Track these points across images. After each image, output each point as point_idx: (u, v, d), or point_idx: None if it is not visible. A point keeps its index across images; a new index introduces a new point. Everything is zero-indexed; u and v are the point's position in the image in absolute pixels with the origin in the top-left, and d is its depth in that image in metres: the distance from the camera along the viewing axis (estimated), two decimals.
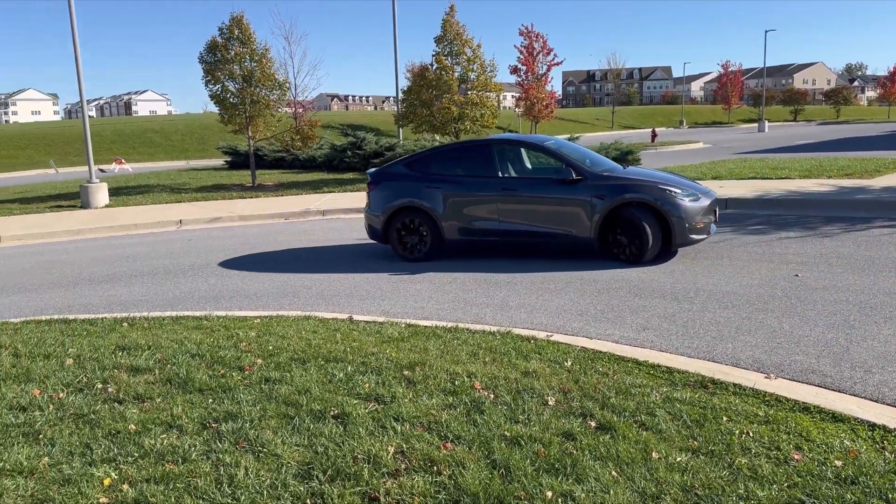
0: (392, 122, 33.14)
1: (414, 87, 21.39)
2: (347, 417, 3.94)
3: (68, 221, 15.04)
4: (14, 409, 4.35)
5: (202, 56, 18.81)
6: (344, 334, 5.72)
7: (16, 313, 7.46)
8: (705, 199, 8.44)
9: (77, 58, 17.23)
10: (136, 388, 4.59)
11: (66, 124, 63.46)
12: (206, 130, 48.87)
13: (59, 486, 3.35)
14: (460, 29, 20.76)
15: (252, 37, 18.55)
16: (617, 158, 17.88)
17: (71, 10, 16.73)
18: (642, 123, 77.14)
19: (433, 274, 8.39)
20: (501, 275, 8.14)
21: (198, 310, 7.09)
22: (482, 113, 20.39)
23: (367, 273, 8.68)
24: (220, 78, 18.65)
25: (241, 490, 3.19)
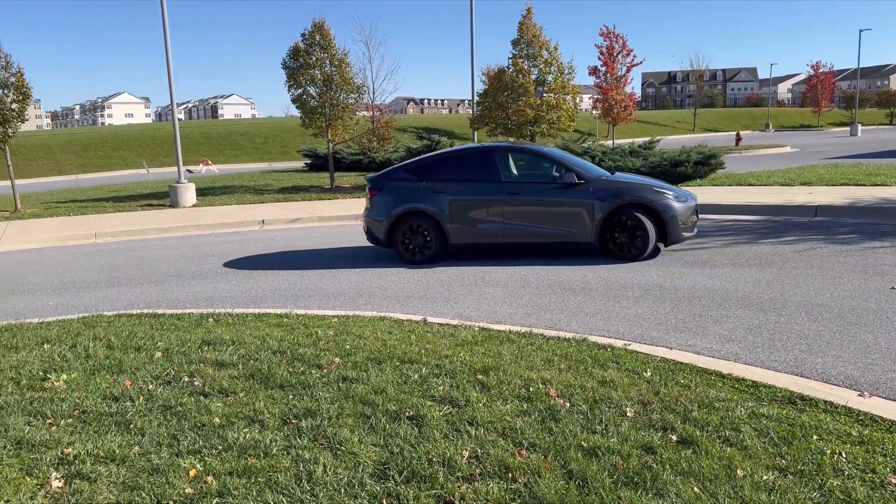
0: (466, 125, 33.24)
1: (490, 89, 21.37)
2: (422, 419, 3.97)
3: (158, 220, 15.78)
4: (107, 399, 4.59)
5: (285, 62, 19.40)
6: (418, 336, 5.76)
7: (109, 307, 7.87)
8: (691, 201, 9.25)
9: (169, 65, 18.07)
10: (221, 382, 4.77)
11: (156, 126, 66.68)
12: (288, 133, 50.36)
13: (147, 474, 3.50)
14: (537, 31, 20.62)
15: (332, 42, 18.99)
16: (699, 163, 17.34)
17: (164, 18, 17.57)
18: (725, 126, 74.59)
19: (506, 278, 8.35)
20: (576, 281, 8.02)
21: (279, 307, 7.30)
22: (558, 115, 20.17)
23: (440, 275, 8.72)
24: (302, 83, 19.18)
25: (319, 487, 3.26)
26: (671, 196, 9.01)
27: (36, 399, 4.63)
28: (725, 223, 11.92)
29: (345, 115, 19.76)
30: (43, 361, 5.45)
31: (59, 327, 6.61)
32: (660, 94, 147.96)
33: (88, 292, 8.88)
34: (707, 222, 12.03)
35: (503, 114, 20.72)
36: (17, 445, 3.93)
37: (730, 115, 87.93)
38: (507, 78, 20.71)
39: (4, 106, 16.61)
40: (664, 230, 8.90)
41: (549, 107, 20.26)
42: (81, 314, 7.27)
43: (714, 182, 16.93)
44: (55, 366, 5.32)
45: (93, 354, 5.56)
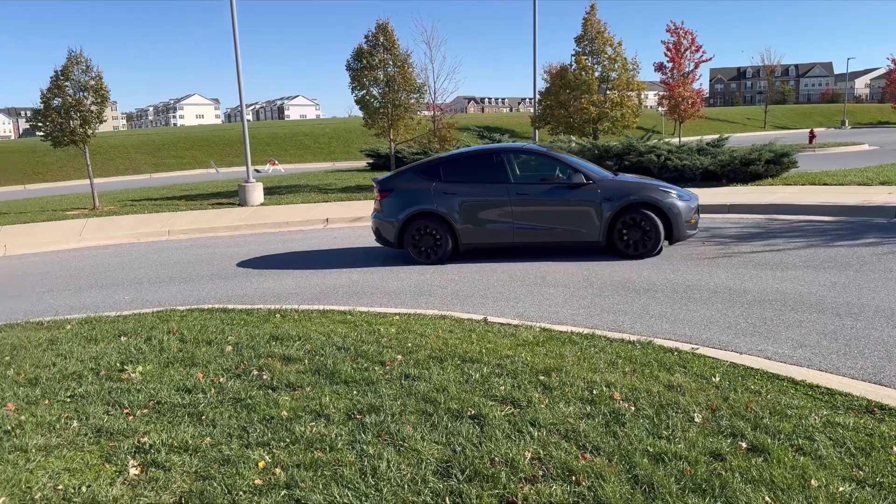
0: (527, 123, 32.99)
1: (552, 87, 21.20)
2: (484, 419, 3.98)
3: (227, 218, 16.28)
4: (181, 391, 4.77)
5: (349, 63, 19.70)
6: (479, 335, 5.77)
7: (181, 301, 8.17)
8: (693, 200, 9.58)
9: (238, 68, 18.61)
10: (288, 376, 4.89)
11: (226, 127, 68.75)
12: (351, 133, 51.13)
13: (218, 464, 3.63)
14: (601, 27, 20.31)
15: (396, 43, 19.18)
16: (771, 161, 16.75)
17: (234, 23, 18.10)
18: (798, 123, 71.76)
19: (567, 278, 8.27)
20: (640, 282, 7.87)
21: (342, 304, 7.42)
22: (622, 113, 19.83)
23: (501, 274, 8.70)
24: (365, 83, 19.44)
25: (383, 482, 3.31)
26: (675, 195, 9.34)
27: (114, 389, 4.85)
28: (798, 224, 11.48)
29: (406, 115, 19.93)
30: (120, 353, 5.70)
31: (135, 321, 6.90)
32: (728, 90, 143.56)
33: (162, 287, 9.24)
34: (779, 223, 11.61)
35: (565, 112, 20.52)
36: (97, 433, 4.13)
37: (803, 111, 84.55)
38: (569, 75, 20.50)
39: (84, 108, 17.42)
40: (669, 228, 9.20)
41: (613, 104, 19.94)
42: (156, 308, 7.57)
43: (786, 181, 16.32)
44: (132, 358, 5.56)
45: (167, 347, 5.79)
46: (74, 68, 17.22)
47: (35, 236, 14.70)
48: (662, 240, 9.20)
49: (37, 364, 5.52)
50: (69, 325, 6.87)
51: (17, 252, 13.56)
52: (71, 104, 17.18)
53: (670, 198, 9.25)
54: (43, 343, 6.16)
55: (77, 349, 5.88)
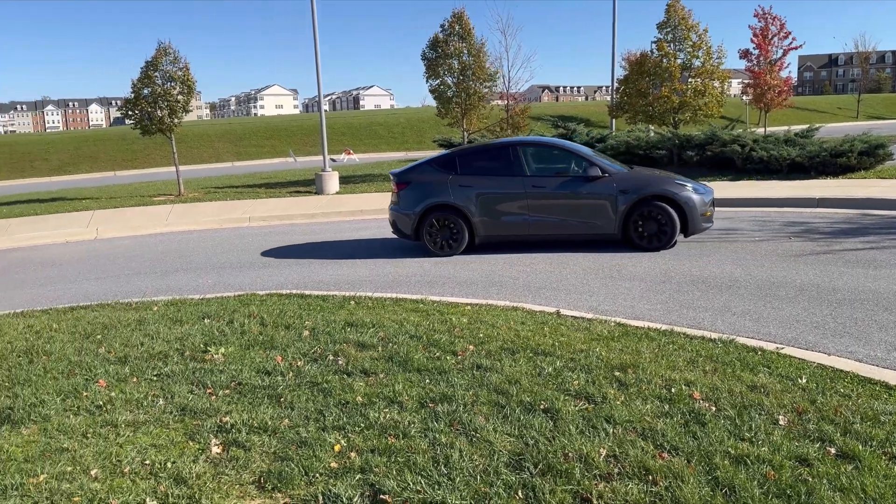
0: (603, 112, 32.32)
1: (631, 75, 20.64)
2: (557, 413, 3.93)
3: (305, 206, 16.67)
4: (260, 373, 4.92)
5: (424, 53, 19.78)
6: (552, 328, 5.70)
7: (261, 286, 8.42)
8: (708, 194, 9.53)
9: (317, 61, 18.98)
10: (363, 362, 4.97)
11: (304, 117, 70.37)
12: (424, 123, 51.42)
13: (296, 446, 3.72)
14: (685, 13, 19.61)
15: (471, 32, 19.12)
16: (864, 153, 15.81)
17: (314, 18, 18.44)
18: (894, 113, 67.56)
19: (644, 272, 8.06)
20: (722, 277, 7.59)
21: (414, 293, 7.48)
22: (705, 102, 19.11)
23: (573, 267, 8.57)
24: (440, 73, 19.48)
25: (455, 472, 3.31)
26: (690, 188, 9.37)
27: (198, 370, 5.05)
28: (894, 220, 10.81)
29: (480, 105, 19.87)
30: (204, 335, 5.93)
31: (218, 304, 7.16)
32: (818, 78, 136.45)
33: (243, 272, 9.55)
34: (873, 219, 10.97)
35: (644, 100, 19.97)
36: (181, 411, 4.31)
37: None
38: (649, 63, 19.90)
39: (171, 97, 18.15)
40: (685, 221, 9.20)
41: (696, 92, 19.25)
42: (237, 292, 7.83)
43: (881, 174, 15.38)
44: (214, 339, 5.77)
45: (247, 330, 5.98)
46: (163, 59, 17.96)
47: (124, 221, 15.46)
48: (677, 233, 9.21)
49: (126, 343, 5.80)
50: (156, 306, 7.19)
51: (108, 236, 14.30)
52: (159, 94, 17.93)
53: (686, 191, 9.29)
54: (132, 323, 6.47)
55: (163, 330, 6.15)
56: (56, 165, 42.00)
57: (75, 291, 8.87)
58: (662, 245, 9.27)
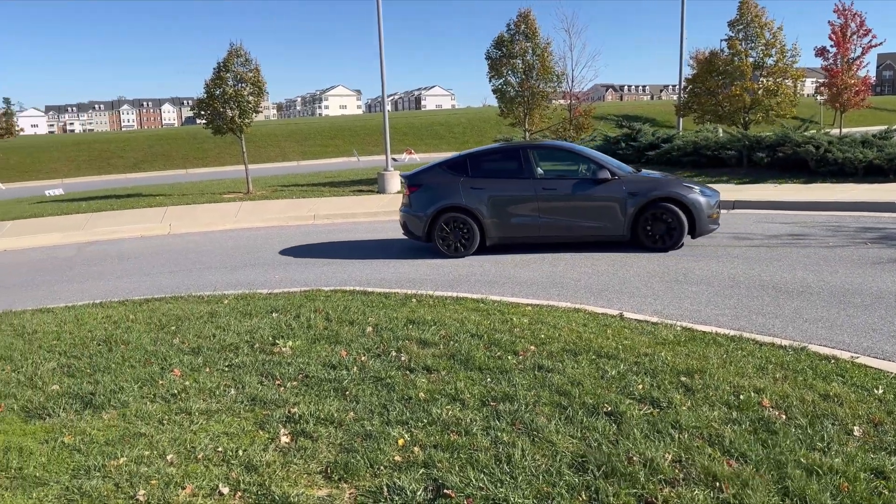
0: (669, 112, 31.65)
1: (699, 74, 20.10)
2: (621, 416, 3.89)
3: (367, 205, 16.93)
4: (326, 367, 5.04)
5: (489, 52, 19.76)
6: (615, 331, 5.64)
7: (325, 282, 8.60)
8: (715, 196, 9.76)
9: (382, 64, 19.22)
10: (425, 359, 5.03)
11: (366, 117, 71.37)
12: (485, 123, 51.42)
13: (361, 439, 3.81)
14: (759, 11, 18.98)
15: (537, 31, 19.00)
16: None
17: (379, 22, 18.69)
18: None
19: (711, 275, 7.87)
20: (793, 283, 7.35)
21: (475, 292, 7.51)
22: (777, 101, 18.46)
23: (636, 269, 8.44)
24: (504, 72, 19.43)
25: (518, 471, 3.33)
26: (698, 191, 9.53)
27: (266, 361, 5.22)
28: None
29: (543, 104, 19.73)
30: (272, 328, 6.12)
31: (285, 299, 7.36)
32: None
33: (308, 268, 9.78)
34: None
35: (713, 100, 19.43)
36: (251, 401, 4.47)
37: None
38: (719, 61, 19.35)
39: (242, 98, 18.69)
40: (692, 223, 9.37)
41: (768, 92, 18.62)
42: (303, 288, 8.03)
43: None
44: (282, 333, 5.94)
45: (313, 325, 6.14)
46: (235, 61, 18.51)
47: (195, 217, 16.03)
48: (685, 234, 9.39)
49: (199, 335, 6.04)
50: (226, 300, 7.45)
51: (180, 231, 14.86)
52: (231, 95, 18.49)
53: (693, 193, 9.44)
54: (204, 315, 6.72)
55: (234, 322, 6.37)
56: (131, 163, 43.85)
57: (150, 284, 9.26)
58: (670, 246, 9.45)
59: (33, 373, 5.25)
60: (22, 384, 5.03)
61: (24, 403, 4.64)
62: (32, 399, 4.70)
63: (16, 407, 4.60)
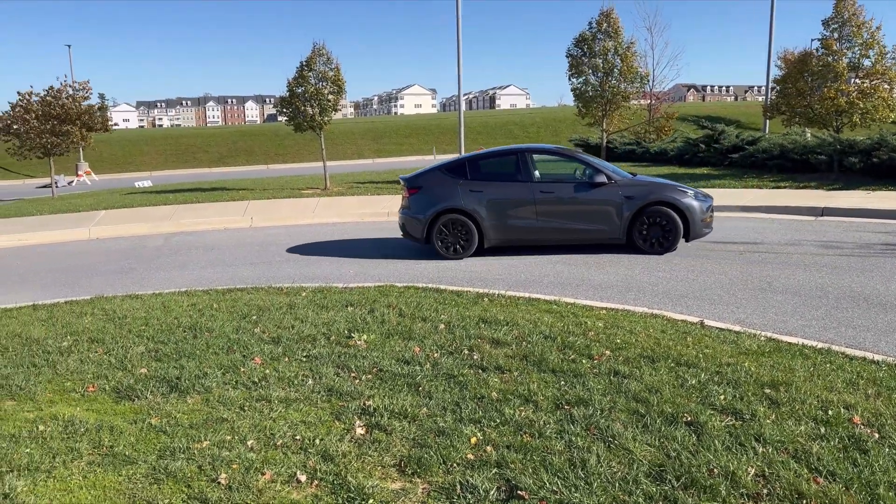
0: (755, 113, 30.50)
1: (789, 74, 19.24)
2: (701, 427, 3.77)
3: None
4: (400, 362, 5.10)
5: (569, 50, 19.56)
6: (695, 339, 5.48)
7: (398, 278, 8.70)
8: (708, 200, 9.93)
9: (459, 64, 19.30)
10: (497, 359, 5.02)
11: (441, 116, 71.86)
12: (560, 123, 50.92)
13: (434, 435, 3.83)
14: (856, 9, 18.02)
15: (620, 30, 18.67)
16: None
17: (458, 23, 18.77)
18: None
19: (798, 285, 7.53)
20: (888, 296, 6.94)
21: (547, 293, 7.44)
22: (874, 104, 17.47)
23: (717, 276, 8.16)
24: (584, 71, 19.19)
25: (593, 476, 3.28)
26: (692, 196, 9.71)
27: (342, 354, 5.33)
28: None
29: (623, 105, 19.37)
30: (347, 322, 6.24)
31: (360, 293, 7.49)
32: None
33: (381, 264, 9.92)
34: None
35: (804, 101, 18.58)
36: (328, 392, 4.57)
37: None
38: (812, 61, 18.48)
39: (322, 96, 19.14)
40: (687, 227, 9.58)
41: (862, 94, 17.66)
42: (377, 283, 8.16)
43: None
44: (357, 326, 6.05)
45: (387, 320, 6.22)
46: (317, 60, 18.97)
47: (276, 211, 16.52)
48: (680, 237, 9.58)
49: (278, 325, 6.22)
50: (304, 292, 7.64)
51: (261, 225, 15.34)
52: (312, 93, 18.96)
53: (687, 198, 9.62)
54: (283, 307, 6.92)
55: (311, 315, 6.53)
56: (216, 157, 45.61)
57: (232, 274, 9.60)
58: (665, 249, 9.64)
59: (124, 356, 5.53)
60: (113, 366, 5.31)
61: (116, 385, 4.90)
62: (123, 381, 4.95)
63: (107, 388, 4.86)
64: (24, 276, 10.48)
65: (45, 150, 22.13)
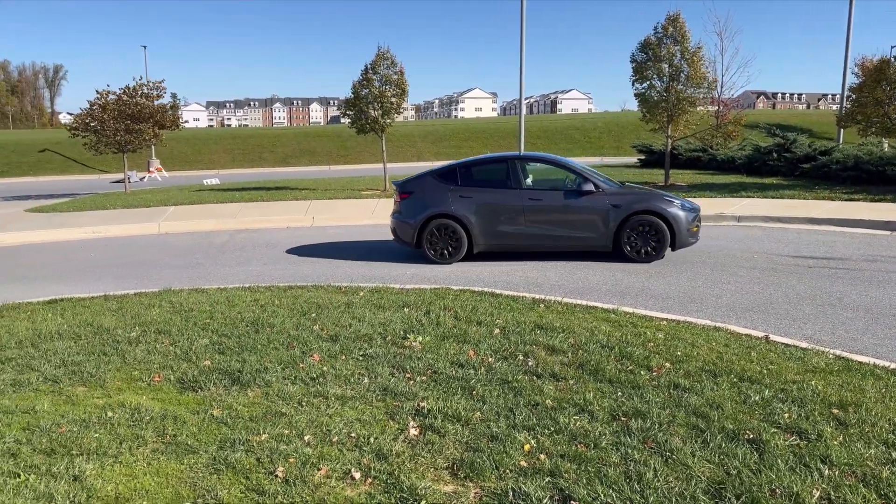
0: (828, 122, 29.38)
1: (867, 83, 18.46)
2: (764, 445, 3.65)
3: None
4: (454, 365, 5.11)
5: (633, 55, 19.23)
6: (760, 354, 5.31)
7: (454, 281, 8.72)
8: (694, 210, 10.03)
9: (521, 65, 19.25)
10: (553, 366, 4.98)
11: (501, 120, 71.71)
12: (623, 129, 50.12)
13: (487, 440, 3.83)
14: None
15: (686, 35, 18.25)
16: None
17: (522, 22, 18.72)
18: None
19: (870, 302, 7.20)
20: None
21: (604, 302, 7.33)
22: None
23: (784, 290, 7.88)
24: (649, 76, 18.84)
25: (649, 491, 3.21)
26: (678, 205, 9.83)
27: (398, 354, 5.37)
28: None
29: (689, 110, 18.91)
30: (403, 322, 6.29)
31: (416, 295, 7.55)
32: None
33: (437, 266, 9.96)
34: None
35: (881, 111, 17.80)
36: (383, 391, 4.62)
37: None
38: (890, 70, 17.68)
39: (385, 99, 19.38)
40: (673, 236, 9.68)
41: None
42: (432, 285, 8.20)
43: None
44: (413, 328, 6.10)
45: (442, 322, 6.25)
46: (382, 63, 19.23)
47: (336, 211, 16.80)
48: (667, 246, 9.69)
49: (336, 323, 6.32)
50: (361, 291, 7.75)
51: (322, 224, 15.62)
52: (376, 95, 19.22)
53: (673, 207, 9.75)
54: (341, 305, 7.03)
55: (368, 314, 6.61)
56: (280, 157, 46.69)
57: (293, 272, 9.81)
58: (652, 257, 9.79)
59: (189, 347, 5.72)
60: (178, 357, 5.50)
61: (180, 375, 5.07)
62: (187, 372, 5.12)
63: (172, 378, 5.04)
64: (96, 267, 10.95)
65: (119, 146, 23.10)
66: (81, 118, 23.20)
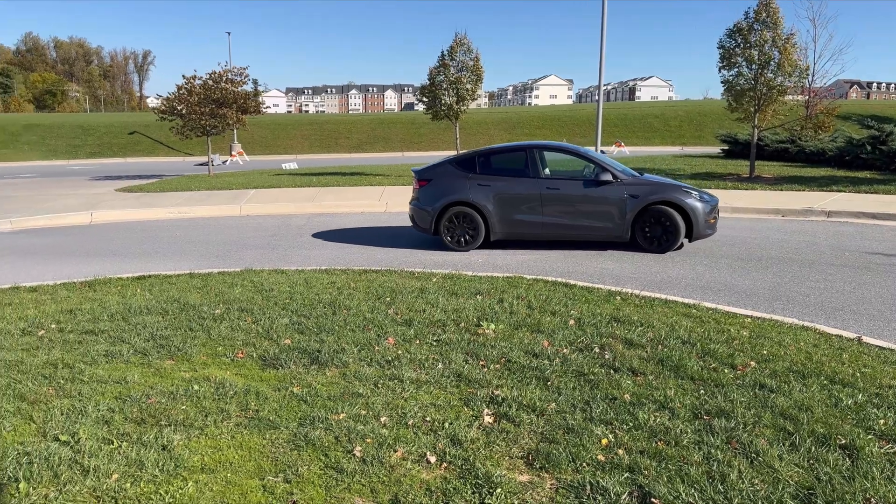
0: None
1: None
2: (857, 451, 3.47)
3: None
4: (528, 354, 5.07)
5: (721, 41, 18.47)
6: (852, 356, 5.04)
7: (526, 270, 8.66)
8: (712, 201, 9.93)
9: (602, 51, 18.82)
10: (631, 360, 4.87)
11: (576, 108, 70.49)
12: (705, 117, 48.48)
13: (563, 432, 3.78)
14: None
15: (779, 21, 17.38)
16: None
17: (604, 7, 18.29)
18: None
19: None
20: None
21: (685, 296, 7.12)
22: None
23: (878, 289, 7.44)
24: (737, 63, 18.07)
25: (733, 493, 3.10)
26: (696, 196, 9.74)
27: (471, 341, 5.37)
28: None
29: (779, 99, 18.04)
30: (476, 310, 6.28)
31: (488, 282, 7.53)
32: None
33: (508, 254, 9.91)
34: None
35: None
36: (457, 377, 4.63)
37: None
38: None
39: (461, 86, 19.36)
40: (690, 227, 9.60)
41: None
42: (505, 273, 8.16)
43: None
44: (486, 315, 6.09)
45: (516, 311, 6.21)
46: (458, 49, 19.20)
47: (409, 197, 16.91)
48: (682, 237, 9.60)
49: (410, 308, 6.37)
50: (434, 277, 7.78)
51: (395, 210, 15.77)
52: (451, 82, 19.22)
53: (691, 198, 9.66)
54: (415, 291, 7.09)
55: (441, 300, 6.64)
56: (355, 143, 47.45)
57: (367, 256, 9.96)
58: (666, 248, 9.71)
59: (270, 326, 5.89)
60: (260, 335, 5.67)
61: (262, 353, 5.22)
62: (268, 350, 5.28)
63: (255, 355, 5.19)
64: (182, 246, 11.42)
65: (203, 130, 23.95)
66: (169, 101, 24.14)
